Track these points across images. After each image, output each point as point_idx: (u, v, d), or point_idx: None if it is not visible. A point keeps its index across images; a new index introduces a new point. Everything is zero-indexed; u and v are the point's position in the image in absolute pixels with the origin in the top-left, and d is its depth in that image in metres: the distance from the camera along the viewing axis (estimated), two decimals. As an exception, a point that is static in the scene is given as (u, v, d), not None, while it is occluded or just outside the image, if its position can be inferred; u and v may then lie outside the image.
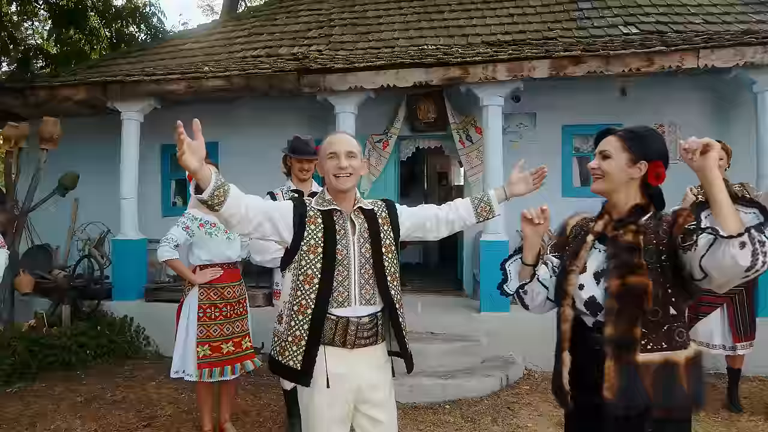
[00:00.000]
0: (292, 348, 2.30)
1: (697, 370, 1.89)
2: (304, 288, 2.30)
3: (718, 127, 6.63)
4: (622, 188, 1.99)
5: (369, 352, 2.37)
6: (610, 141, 2.01)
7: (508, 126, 7.15)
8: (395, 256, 2.47)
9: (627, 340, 1.85)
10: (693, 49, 5.60)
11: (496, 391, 5.07)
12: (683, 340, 1.88)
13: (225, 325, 3.94)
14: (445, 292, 7.51)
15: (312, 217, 2.35)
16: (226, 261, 3.99)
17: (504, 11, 8.23)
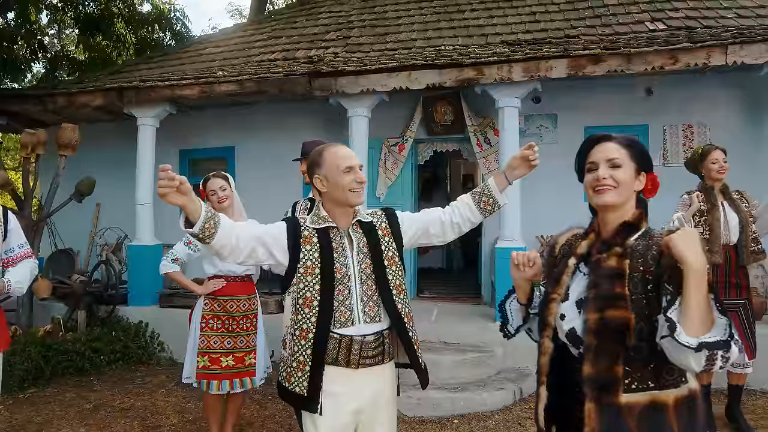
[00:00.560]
0: (298, 374, 2.20)
1: (691, 412, 1.67)
2: (304, 312, 2.20)
3: (750, 128, 6.31)
4: (627, 202, 1.80)
5: (375, 371, 2.26)
6: (615, 149, 1.81)
7: (527, 128, 6.93)
8: (400, 267, 2.35)
9: (607, 380, 1.64)
10: (720, 45, 5.29)
11: (508, 405, 4.87)
12: (674, 377, 1.66)
13: (226, 338, 3.85)
14: (463, 299, 7.32)
15: (307, 237, 2.24)
16: (229, 274, 3.93)
17: (526, 9, 8.00)
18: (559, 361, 1.82)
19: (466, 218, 2.40)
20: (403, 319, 2.28)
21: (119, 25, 11.90)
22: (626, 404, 1.62)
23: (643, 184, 1.81)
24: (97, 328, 6.38)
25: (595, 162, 1.81)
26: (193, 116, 7.68)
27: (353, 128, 6.29)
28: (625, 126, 6.65)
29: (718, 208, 4.06)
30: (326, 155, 2.27)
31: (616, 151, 1.79)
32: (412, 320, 2.35)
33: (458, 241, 11.04)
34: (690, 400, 1.68)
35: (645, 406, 1.63)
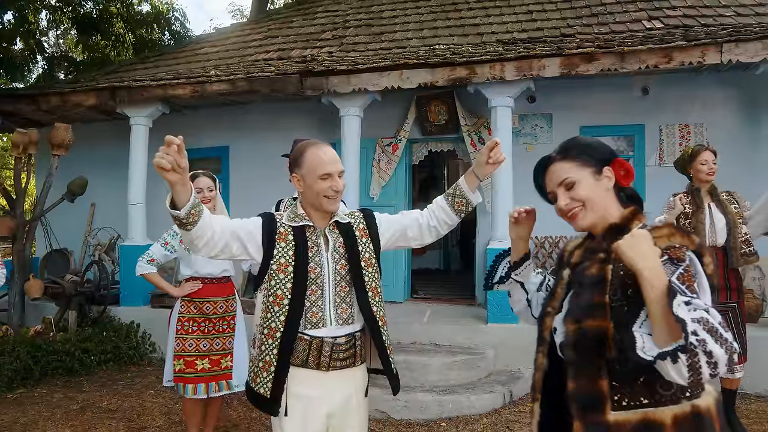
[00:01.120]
0: (263, 374, 2.15)
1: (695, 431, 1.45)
2: (274, 310, 2.14)
3: (747, 128, 6.22)
4: (607, 208, 1.65)
5: (345, 374, 2.21)
6: (561, 168, 1.68)
7: (522, 128, 6.87)
8: (376, 269, 2.29)
9: (591, 397, 1.49)
10: (715, 44, 5.20)
11: (497, 408, 4.80)
12: (671, 392, 1.45)
13: (202, 340, 3.79)
14: (458, 300, 7.25)
15: (282, 234, 2.18)
16: (206, 276, 3.86)
17: (523, 8, 7.93)
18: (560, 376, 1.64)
19: (443, 221, 2.34)
20: (378, 323, 2.23)
21: (118, 25, 11.91)
22: (615, 423, 1.46)
23: (612, 179, 1.65)
24: (88, 329, 6.36)
25: (553, 192, 1.71)
26: (187, 116, 7.65)
27: (345, 128, 6.25)
28: (621, 125, 6.60)
29: (703, 210, 3.99)
30: (307, 156, 2.18)
31: (563, 171, 1.67)
32: (386, 324, 2.30)
33: (456, 242, 11.00)
34: (695, 418, 1.45)
35: (636, 425, 1.44)
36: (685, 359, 1.28)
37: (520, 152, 6.51)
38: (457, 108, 6.75)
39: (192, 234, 1.99)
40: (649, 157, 6.55)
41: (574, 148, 1.68)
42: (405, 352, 5.32)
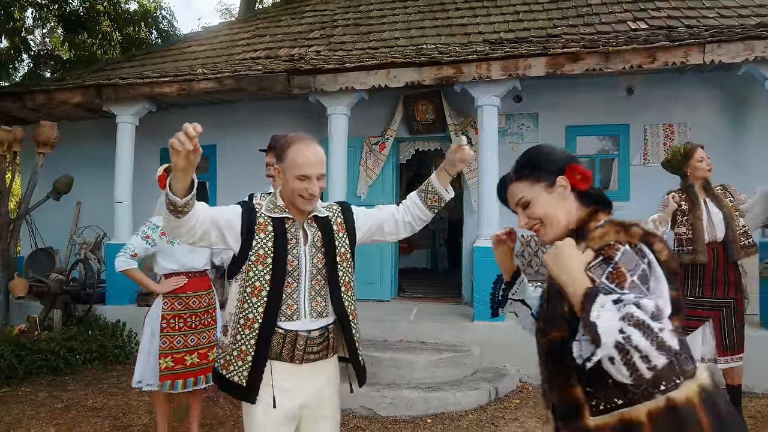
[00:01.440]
0: (238, 363, 2.15)
1: (679, 426, 1.40)
2: (252, 301, 2.14)
3: (731, 128, 6.29)
4: (568, 215, 1.65)
5: (318, 366, 2.24)
6: (516, 188, 1.70)
7: (509, 127, 6.91)
8: (350, 264, 2.33)
9: (569, 404, 1.50)
10: (698, 44, 5.27)
11: (483, 405, 4.83)
12: (642, 389, 1.41)
13: (189, 336, 3.78)
14: (444, 298, 7.29)
15: (262, 224, 2.19)
16: (191, 270, 3.83)
17: (510, 8, 7.99)
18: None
19: (417, 216, 2.37)
20: (349, 317, 2.27)
21: (105, 24, 11.84)
22: (595, 427, 1.46)
23: (567, 187, 1.64)
24: (73, 328, 6.33)
25: (514, 210, 1.74)
26: (175, 114, 7.63)
27: (332, 126, 6.26)
28: (606, 125, 6.66)
29: (699, 206, 4.01)
30: (291, 152, 2.17)
31: (518, 190, 1.69)
32: (356, 318, 2.33)
33: (443, 242, 11.04)
34: (671, 411, 1.41)
35: (615, 427, 1.43)
36: (620, 358, 1.27)
37: (506, 151, 6.54)
38: (444, 107, 6.78)
39: (180, 221, 1.97)
40: (634, 157, 6.62)
41: (527, 166, 1.69)
42: (391, 349, 5.35)
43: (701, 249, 3.96)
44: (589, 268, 1.44)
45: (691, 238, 4.01)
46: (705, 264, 3.98)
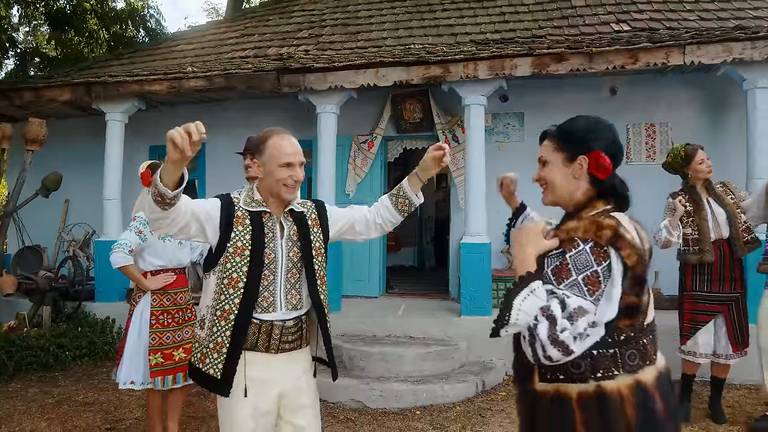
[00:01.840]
0: (213, 355, 2.18)
1: (601, 411, 1.57)
2: (228, 292, 2.18)
3: (710, 128, 6.45)
4: (567, 192, 1.73)
5: (293, 356, 2.29)
6: (545, 146, 1.78)
7: (495, 126, 7.03)
8: (324, 258, 2.39)
9: (525, 369, 1.68)
10: (678, 46, 5.41)
11: (470, 397, 4.94)
12: (580, 372, 1.57)
13: (177, 331, 3.82)
14: (432, 295, 7.39)
15: (240, 217, 2.23)
16: (178, 266, 3.87)
17: (496, 9, 8.12)
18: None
19: (387, 219, 2.44)
20: (323, 309, 2.32)
21: (92, 21, 11.80)
22: (540, 391, 1.65)
23: (584, 168, 1.69)
24: (63, 324, 6.35)
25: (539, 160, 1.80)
26: (164, 112, 7.66)
27: (321, 125, 6.34)
28: (590, 125, 6.78)
29: (703, 207, 4.14)
30: (269, 144, 2.24)
31: (545, 149, 1.78)
32: (329, 312, 2.39)
33: (430, 240, 11.15)
34: (599, 396, 1.57)
35: (552, 396, 1.63)
36: (528, 339, 1.46)
37: (492, 150, 6.67)
38: (432, 106, 6.89)
39: (165, 213, 1.98)
40: (617, 156, 6.75)
41: (564, 132, 1.76)
42: (380, 344, 5.44)
43: (708, 248, 4.10)
44: (549, 255, 1.58)
45: (697, 238, 4.13)
46: (711, 262, 4.11)
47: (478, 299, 5.81)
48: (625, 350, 1.59)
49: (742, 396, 4.85)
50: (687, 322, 4.24)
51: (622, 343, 1.59)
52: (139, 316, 3.80)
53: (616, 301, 1.53)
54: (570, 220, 1.66)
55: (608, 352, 1.58)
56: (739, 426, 4.20)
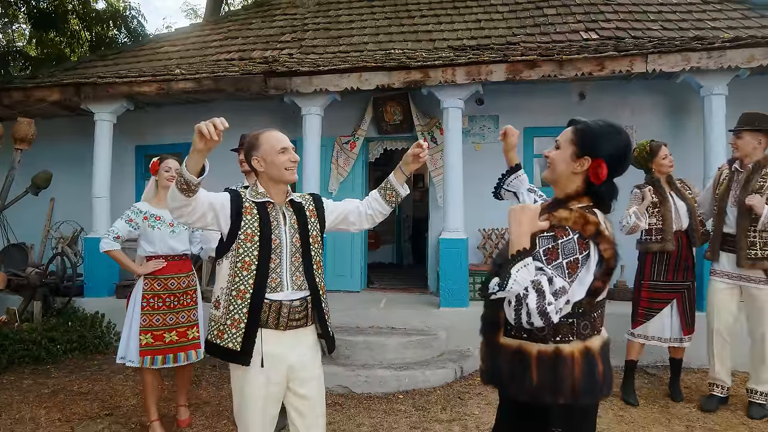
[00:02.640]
0: (231, 331, 2.45)
1: (555, 369, 1.91)
2: (243, 274, 2.46)
3: (672, 131, 6.88)
4: (564, 180, 2.02)
5: (300, 333, 2.57)
6: (566, 132, 2.06)
7: (471, 128, 7.38)
8: (321, 246, 2.67)
9: (492, 321, 2.01)
10: (641, 55, 5.82)
11: (449, 382, 5.26)
12: (543, 334, 1.92)
13: (168, 315, 4.07)
14: (411, 289, 7.71)
15: (248, 208, 2.51)
16: (170, 253, 4.12)
17: (472, 16, 8.48)
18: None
19: (377, 210, 2.73)
20: (319, 291, 2.61)
21: (73, 22, 11.85)
22: (503, 345, 2.00)
23: (583, 168, 1.96)
24: (53, 319, 6.49)
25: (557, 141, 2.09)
26: (150, 112, 7.84)
27: (306, 126, 6.61)
28: (560, 127, 7.11)
29: (668, 200, 4.54)
30: (262, 138, 2.57)
31: (564, 136, 2.05)
32: (325, 293, 2.68)
33: (408, 238, 11.48)
34: (556, 356, 1.91)
35: (514, 350, 1.96)
36: (514, 305, 1.78)
37: (469, 150, 7.02)
38: (411, 109, 7.21)
39: (187, 200, 2.29)
40: (586, 157, 7.16)
41: (582, 131, 2.01)
42: (364, 334, 5.73)
43: (670, 238, 4.50)
44: (539, 235, 1.90)
45: (660, 228, 4.52)
46: (672, 251, 4.51)
47: (456, 292, 6.14)
48: (581, 321, 1.95)
49: (699, 378, 5.26)
50: (642, 309, 4.63)
51: (579, 315, 1.95)
52: (133, 299, 4.09)
53: (587, 285, 1.89)
54: (560, 208, 1.95)
55: (568, 320, 1.93)
56: (695, 404, 4.61)
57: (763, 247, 4.15)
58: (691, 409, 4.52)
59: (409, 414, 4.57)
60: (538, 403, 1.93)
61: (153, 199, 4.21)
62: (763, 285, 4.21)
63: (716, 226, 4.46)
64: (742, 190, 4.22)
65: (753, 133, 4.26)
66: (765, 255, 4.15)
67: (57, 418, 4.57)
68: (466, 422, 4.36)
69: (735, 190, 4.31)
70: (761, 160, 4.25)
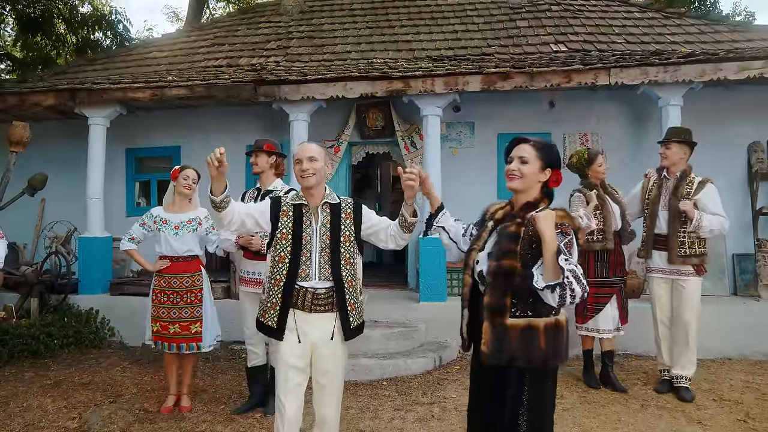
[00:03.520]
0: (270, 312, 3.00)
1: (556, 335, 2.41)
2: (279, 266, 2.98)
3: (633, 138, 7.43)
4: (531, 188, 2.51)
5: (324, 317, 2.99)
6: (526, 149, 2.50)
7: (449, 134, 7.82)
8: (352, 244, 3.05)
9: (499, 307, 2.40)
10: (605, 68, 6.33)
11: (429, 370, 5.70)
12: (546, 309, 2.38)
13: (172, 309, 4.57)
14: (392, 286, 8.11)
15: (285, 210, 3.03)
16: (173, 254, 4.59)
17: (449, 27, 8.94)
18: (473, 293, 2.60)
19: (398, 234, 3.08)
20: (343, 284, 3.00)
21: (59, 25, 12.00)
22: (510, 325, 2.38)
23: (548, 177, 2.51)
24: (49, 315, 6.75)
25: (512, 157, 2.57)
26: (141, 117, 8.13)
27: (294, 131, 6.98)
28: (531, 133, 7.53)
29: (607, 203, 5.05)
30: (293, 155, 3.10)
31: (524, 150, 2.51)
32: (352, 286, 3.04)
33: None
34: (556, 326, 2.41)
35: (524, 327, 2.37)
36: (559, 290, 2.24)
37: (446, 155, 7.46)
38: (393, 115, 7.63)
39: (221, 214, 2.91)
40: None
41: (545, 149, 2.54)
42: (350, 326, 6.13)
43: (611, 237, 5.03)
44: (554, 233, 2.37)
45: (602, 229, 5.03)
46: (612, 249, 5.01)
47: (434, 287, 6.59)
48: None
49: (646, 363, 5.81)
50: (591, 305, 5.09)
51: None
52: (150, 291, 4.68)
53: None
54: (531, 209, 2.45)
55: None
56: (650, 385, 5.12)
57: (691, 246, 4.73)
58: (647, 390, 5.02)
59: (393, 398, 4.99)
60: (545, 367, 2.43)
61: (170, 203, 4.72)
62: (691, 276, 4.78)
63: (648, 227, 5.00)
64: (672, 196, 4.78)
65: (680, 145, 4.83)
66: (693, 252, 4.73)
67: (63, 406, 4.87)
68: (445, 404, 4.80)
69: (665, 195, 4.87)
70: (686, 169, 4.83)
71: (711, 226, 4.64)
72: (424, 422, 4.43)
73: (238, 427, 4.39)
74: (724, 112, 7.08)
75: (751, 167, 7.16)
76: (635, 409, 4.60)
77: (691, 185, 4.76)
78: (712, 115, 7.03)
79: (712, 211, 4.69)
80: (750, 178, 7.15)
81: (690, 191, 4.74)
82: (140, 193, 8.92)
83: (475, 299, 2.57)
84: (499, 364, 2.40)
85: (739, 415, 4.43)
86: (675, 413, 4.48)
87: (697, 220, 4.61)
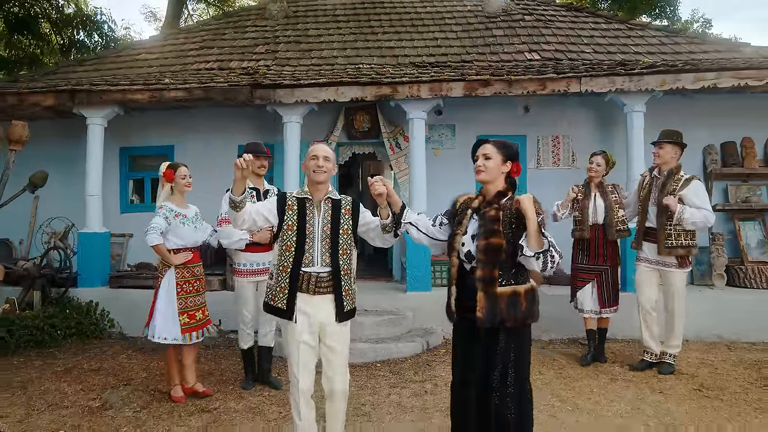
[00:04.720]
0: (279, 295, 3.34)
1: (532, 297, 2.99)
2: (286, 254, 3.34)
3: (601, 141, 8.04)
4: (496, 179, 3.06)
5: (326, 298, 3.37)
6: (488, 147, 3.09)
7: (431, 135, 8.33)
8: (350, 237, 3.46)
9: (490, 279, 2.92)
10: (576, 77, 6.91)
11: (418, 353, 6.20)
12: (524, 278, 3.00)
13: (196, 297, 4.88)
14: (378, 278, 8.59)
15: (290, 205, 3.40)
16: (194, 245, 4.92)
17: (430, 34, 9.44)
18: (460, 272, 3.12)
19: (380, 237, 3.49)
20: (340, 272, 3.39)
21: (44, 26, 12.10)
22: (499, 293, 2.92)
23: (509, 168, 3.09)
24: (51, 308, 7.03)
25: (477, 155, 3.15)
26: (135, 116, 8.42)
27: (287, 133, 7.39)
28: (508, 135, 8.18)
29: (588, 198, 5.67)
30: (308, 151, 3.49)
31: (487, 149, 3.09)
32: (347, 274, 3.41)
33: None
34: (532, 291, 3.01)
35: (510, 294, 2.93)
36: (542, 257, 2.80)
37: (429, 155, 7.95)
38: (379, 118, 8.09)
39: (238, 213, 3.31)
40: (530, 162, 8.26)
41: (503, 146, 3.12)
42: (343, 315, 6.59)
43: (585, 228, 5.65)
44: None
45: (579, 220, 5.66)
46: (589, 239, 5.62)
47: (420, 278, 7.09)
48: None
49: (622, 346, 6.41)
50: (573, 285, 5.79)
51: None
52: (166, 286, 4.79)
53: None
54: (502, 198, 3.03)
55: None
56: (618, 363, 5.71)
57: (677, 238, 5.30)
58: (615, 367, 5.61)
59: (387, 377, 5.46)
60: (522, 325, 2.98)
61: (170, 200, 4.92)
62: (675, 269, 5.36)
63: (640, 221, 5.58)
64: (660, 193, 5.34)
65: (672, 145, 5.40)
66: (678, 244, 5.30)
67: (80, 389, 5.20)
68: (435, 381, 5.29)
69: (654, 192, 5.44)
70: (674, 168, 5.38)
71: (693, 218, 5.14)
72: (419, 396, 4.91)
73: (249, 404, 4.78)
74: (683, 118, 7.69)
75: (706, 168, 7.87)
76: (605, 381, 5.17)
77: (678, 182, 5.29)
78: (673, 120, 7.63)
79: (697, 206, 5.19)
80: (705, 178, 7.84)
81: (676, 188, 5.27)
82: (133, 190, 9.20)
83: (462, 277, 3.10)
84: (492, 326, 2.93)
85: (694, 385, 5.05)
86: (640, 385, 5.07)
87: (679, 213, 5.12)
